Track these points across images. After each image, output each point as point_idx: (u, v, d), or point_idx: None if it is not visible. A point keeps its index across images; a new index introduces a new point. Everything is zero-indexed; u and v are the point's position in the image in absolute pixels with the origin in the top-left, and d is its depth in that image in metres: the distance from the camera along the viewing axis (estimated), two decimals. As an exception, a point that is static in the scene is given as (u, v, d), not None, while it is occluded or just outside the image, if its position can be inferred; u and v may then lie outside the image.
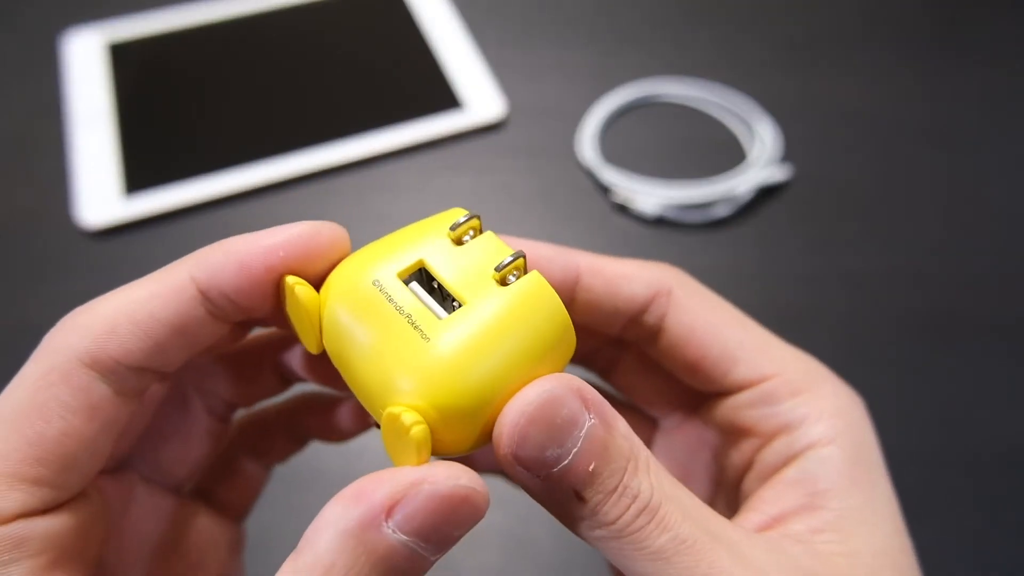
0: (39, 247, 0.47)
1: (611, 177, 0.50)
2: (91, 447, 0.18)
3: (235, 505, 0.26)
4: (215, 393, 0.24)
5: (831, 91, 0.55)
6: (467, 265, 0.18)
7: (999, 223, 0.49)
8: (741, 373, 0.22)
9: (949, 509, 0.38)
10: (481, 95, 0.54)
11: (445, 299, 0.18)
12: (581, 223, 0.49)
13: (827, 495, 0.20)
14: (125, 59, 0.56)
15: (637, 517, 0.17)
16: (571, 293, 0.22)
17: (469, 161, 0.52)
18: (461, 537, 0.16)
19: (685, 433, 0.25)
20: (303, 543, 0.15)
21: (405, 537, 0.15)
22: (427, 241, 0.19)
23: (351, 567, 0.15)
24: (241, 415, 0.26)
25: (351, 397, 0.25)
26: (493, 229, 0.19)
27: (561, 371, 0.18)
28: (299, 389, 0.26)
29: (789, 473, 0.21)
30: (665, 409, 0.26)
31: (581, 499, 0.17)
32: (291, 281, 0.18)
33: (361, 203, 0.50)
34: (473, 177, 0.51)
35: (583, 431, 0.16)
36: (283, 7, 0.59)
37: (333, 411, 0.26)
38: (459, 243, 0.18)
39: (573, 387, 0.17)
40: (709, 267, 0.46)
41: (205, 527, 0.24)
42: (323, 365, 0.23)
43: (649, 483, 0.17)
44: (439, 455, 0.17)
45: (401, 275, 0.18)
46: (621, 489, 0.17)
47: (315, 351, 0.19)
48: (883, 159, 0.52)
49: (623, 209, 0.49)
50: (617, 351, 0.26)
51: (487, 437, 0.17)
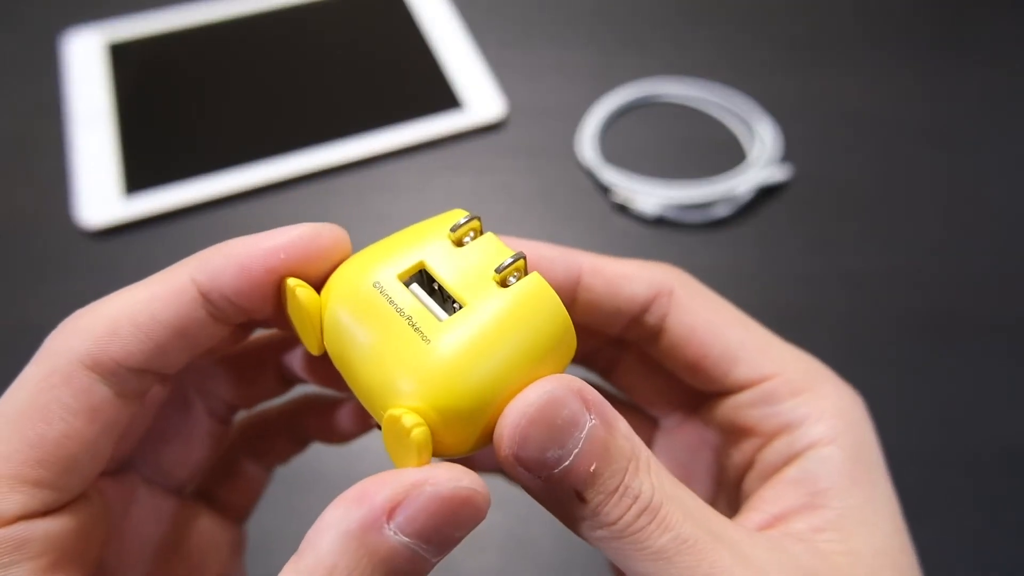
0: (39, 247, 0.47)
1: (611, 177, 0.50)
2: (92, 449, 0.18)
3: (236, 506, 0.26)
4: (216, 395, 0.24)
5: (831, 91, 0.55)
6: (467, 267, 0.18)
7: (999, 223, 0.49)
8: (742, 373, 0.22)
9: (949, 509, 0.38)
10: (481, 95, 0.54)
11: (446, 301, 0.18)
12: (581, 223, 0.49)
13: (828, 494, 0.20)
14: (125, 59, 0.56)
15: (638, 517, 0.17)
16: (572, 293, 0.22)
17: (469, 161, 0.52)
18: (462, 538, 0.16)
19: (686, 433, 0.25)
20: (304, 545, 0.15)
21: (406, 539, 0.15)
22: (427, 243, 0.19)
23: (353, 569, 0.15)
24: (242, 416, 0.26)
25: (352, 398, 0.25)
26: (493, 229, 0.19)
27: (562, 372, 0.18)
28: (300, 390, 0.26)
29: (790, 472, 0.21)
30: (666, 409, 0.26)
31: (582, 499, 0.17)
32: (292, 283, 0.18)
33: (361, 203, 0.50)
34: (473, 177, 0.51)
35: (584, 432, 0.16)
36: (283, 7, 0.59)
37: (334, 413, 0.26)
38: (459, 245, 0.18)
39: (574, 388, 0.17)
40: (709, 267, 0.46)
41: (206, 528, 0.24)
42: (324, 366, 0.23)
43: (650, 483, 0.17)
44: (440, 456, 0.17)
45: (402, 277, 0.18)
46: (622, 489, 0.17)
47: (317, 352, 0.19)
48: (883, 159, 0.52)
49: (623, 209, 0.49)
50: (618, 351, 0.26)
51: (488, 438, 0.17)
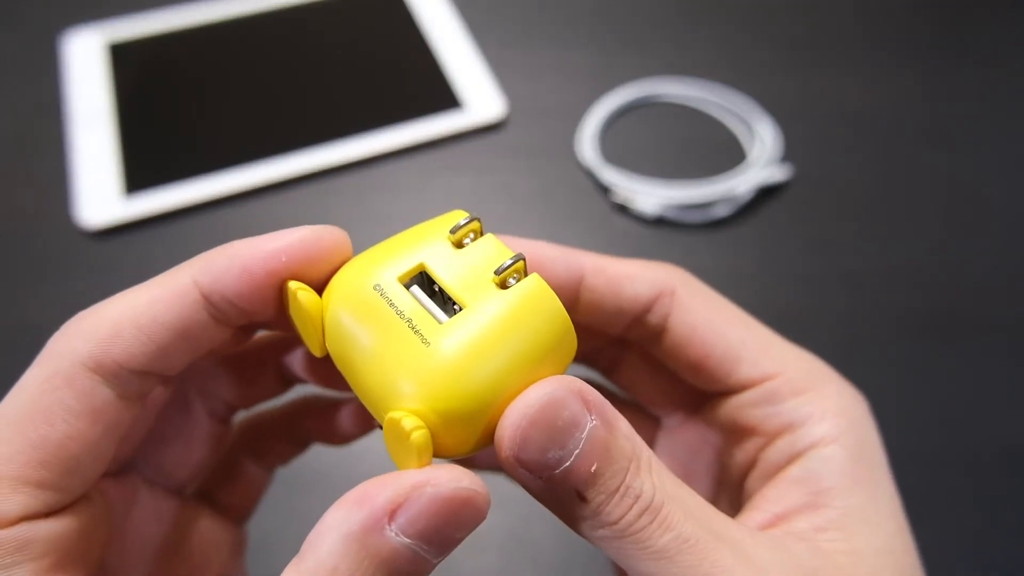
0: (39, 247, 0.47)
1: (611, 177, 0.50)
2: (94, 450, 0.18)
3: (237, 507, 0.26)
4: (216, 395, 0.24)
5: (831, 91, 0.55)
6: (467, 268, 0.18)
7: (999, 223, 0.49)
8: (744, 372, 0.22)
9: (949, 509, 0.38)
10: (481, 95, 0.54)
11: (446, 303, 0.18)
12: (581, 223, 0.49)
13: (830, 494, 0.20)
14: (125, 59, 0.56)
15: (639, 517, 0.17)
16: (575, 293, 0.22)
17: (469, 161, 0.52)
18: (463, 539, 0.16)
19: (688, 432, 0.25)
20: (306, 547, 0.15)
21: (408, 540, 0.15)
22: (428, 244, 0.19)
23: (354, 571, 0.15)
24: (242, 417, 0.26)
25: (352, 399, 0.25)
26: (493, 229, 0.19)
27: (563, 372, 0.18)
28: (301, 392, 0.26)
29: (792, 472, 0.21)
30: (668, 408, 0.26)
31: (583, 499, 0.17)
32: (293, 286, 0.18)
33: (361, 203, 0.50)
34: (473, 177, 0.51)
35: (585, 432, 0.16)
36: (283, 7, 0.59)
37: (334, 414, 0.26)
38: (460, 246, 0.18)
39: (574, 389, 0.17)
40: (709, 267, 0.46)
41: (208, 529, 0.24)
42: (324, 367, 0.23)
43: (651, 483, 0.17)
44: (441, 457, 0.17)
45: (402, 279, 0.18)
46: (623, 489, 0.17)
47: (319, 354, 0.19)
48: (883, 159, 0.52)
49: (623, 209, 0.49)
50: (621, 350, 0.26)
51: (489, 439, 0.17)
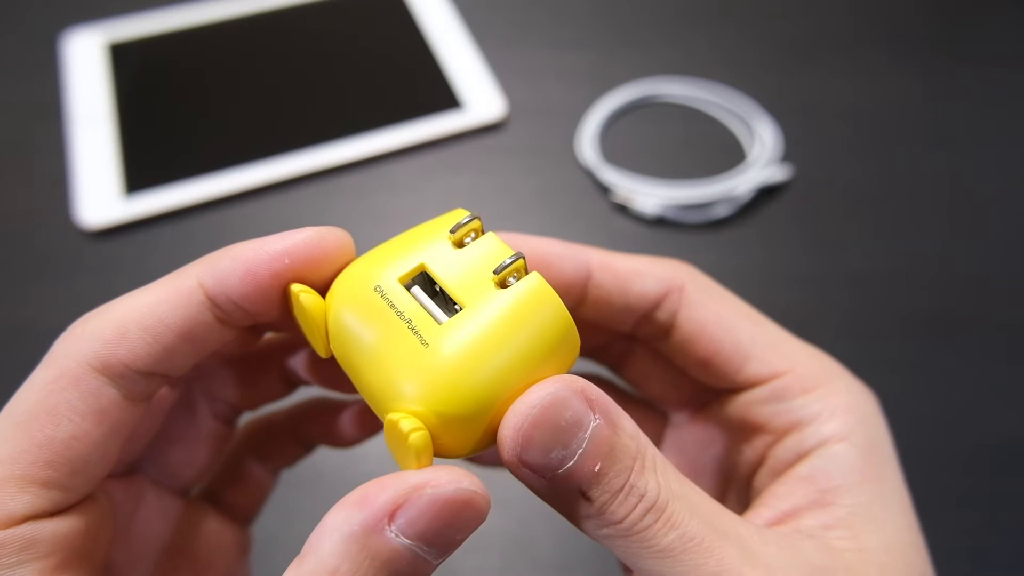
0: (39, 247, 0.47)
1: (611, 177, 0.50)
2: (100, 450, 0.18)
3: (243, 509, 0.26)
4: (220, 397, 0.24)
5: (831, 91, 0.55)
6: (467, 268, 0.18)
7: (999, 222, 0.49)
8: (753, 369, 0.22)
9: (949, 509, 0.38)
10: (481, 95, 0.54)
11: (448, 303, 0.18)
12: (581, 223, 0.49)
13: (838, 491, 0.20)
14: (125, 59, 0.56)
15: (644, 516, 0.17)
16: (582, 290, 0.22)
17: (469, 161, 0.52)
18: (463, 541, 0.16)
19: (696, 428, 0.25)
20: (307, 548, 0.15)
21: (408, 541, 0.15)
22: (428, 244, 0.19)
23: (355, 572, 0.15)
24: (248, 419, 0.26)
25: (356, 402, 0.26)
26: (493, 229, 0.19)
27: (566, 371, 0.18)
28: (306, 394, 0.26)
29: (801, 469, 0.21)
30: (676, 404, 0.26)
31: (587, 499, 0.17)
32: (296, 289, 0.18)
33: (361, 203, 0.50)
34: (473, 177, 0.51)
35: (588, 432, 0.16)
36: (283, 7, 0.59)
37: (340, 416, 0.26)
38: (460, 246, 0.18)
39: (577, 388, 0.16)
40: (709, 267, 0.46)
41: (213, 530, 0.24)
42: (328, 369, 0.23)
43: (656, 481, 0.17)
44: (443, 457, 0.17)
45: (403, 280, 0.18)
46: (628, 488, 0.17)
47: (324, 356, 0.19)
48: (883, 159, 0.52)
49: (623, 209, 0.49)
50: (629, 345, 0.26)
51: (491, 439, 0.17)
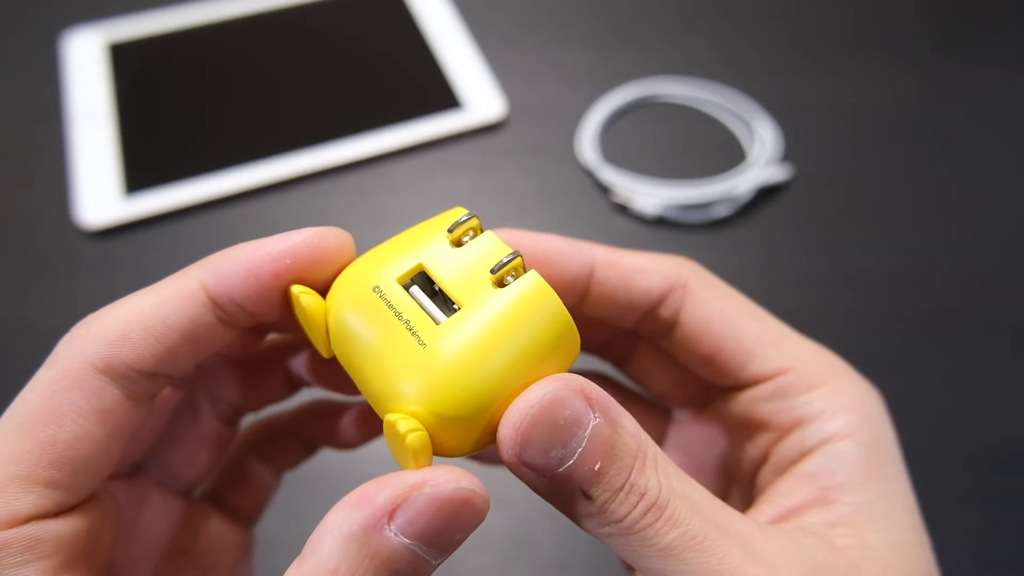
0: (39, 247, 0.47)
1: (611, 177, 0.50)
2: (103, 450, 0.18)
3: (246, 510, 0.26)
4: (223, 398, 0.24)
5: (831, 91, 0.55)
6: (465, 267, 0.18)
7: (1000, 222, 0.49)
8: (757, 367, 0.22)
9: (949, 509, 0.38)
10: (481, 95, 0.54)
11: (447, 303, 0.18)
12: (581, 223, 0.49)
13: (842, 489, 0.20)
14: (125, 59, 0.56)
15: (645, 515, 0.16)
16: (585, 286, 0.22)
17: (469, 161, 0.52)
18: (463, 541, 0.16)
19: (700, 425, 0.25)
20: (307, 549, 0.15)
21: (408, 540, 0.15)
22: (427, 243, 0.18)
23: (354, 571, 0.15)
24: (252, 421, 0.26)
25: (359, 404, 0.26)
26: (493, 228, 0.19)
27: (566, 370, 0.18)
28: (309, 396, 0.26)
29: (804, 466, 0.21)
30: (680, 401, 0.26)
31: (588, 497, 0.16)
32: (296, 290, 0.18)
33: (361, 203, 0.50)
34: (473, 177, 0.51)
35: (587, 431, 0.16)
36: (283, 7, 0.59)
37: (342, 418, 0.26)
38: (459, 244, 0.18)
39: (576, 387, 0.16)
40: (709, 267, 0.45)
41: (216, 531, 0.25)
42: (329, 370, 0.23)
43: (657, 480, 0.17)
44: (443, 456, 0.17)
45: (401, 280, 0.18)
46: (628, 487, 0.16)
47: (327, 356, 0.19)
48: (883, 159, 0.52)
49: (623, 209, 0.49)
50: (633, 341, 0.26)
51: (491, 438, 0.17)
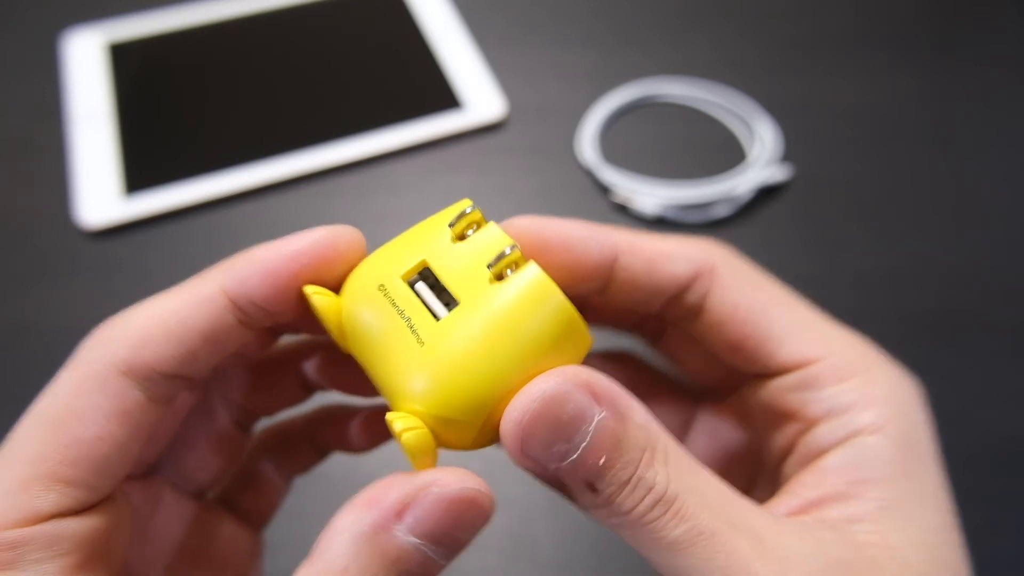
0: (39, 247, 0.47)
1: (611, 177, 0.50)
2: (123, 450, 0.18)
3: (257, 513, 0.26)
4: (239, 402, 0.24)
5: (831, 91, 0.55)
6: (466, 261, 0.18)
7: (1000, 222, 0.49)
8: (784, 356, 0.21)
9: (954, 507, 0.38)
10: (481, 95, 0.54)
11: (449, 298, 0.18)
12: (581, 223, 0.49)
13: (868, 484, 0.19)
14: (125, 59, 0.56)
15: (652, 508, 0.16)
16: (608, 272, 0.22)
17: (469, 161, 0.52)
18: (469, 542, 0.16)
19: (730, 409, 0.25)
20: (316, 550, 0.16)
21: (416, 540, 0.15)
22: (432, 238, 0.18)
23: (364, 570, 0.15)
24: (265, 426, 0.26)
25: (370, 409, 0.26)
26: (518, 216, 0.19)
27: (577, 362, 0.18)
28: (321, 401, 0.26)
29: (831, 459, 0.20)
30: (711, 382, 0.25)
31: (594, 490, 0.16)
32: (309, 291, 0.18)
33: (361, 203, 0.50)
34: (473, 177, 0.51)
35: (592, 426, 0.16)
36: (283, 7, 0.59)
37: (353, 422, 0.26)
38: (462, 238, 0.18)
39: (581, 381, 0.16)
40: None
41: (227, 534, 0.25)
42: (344, 372, 0.23)
43: (665, 473, 0.17)
44: (452, 450, 0.17)
45: (406, 276, 0.18)
46: (635, 481, 0.16)
47: (346, 352, 0.19)
48: (883, 159, 0.52)
49: (623, 209, 0.49)
50: (662, 322, 0.25)
51: (496, 433, 0.17)
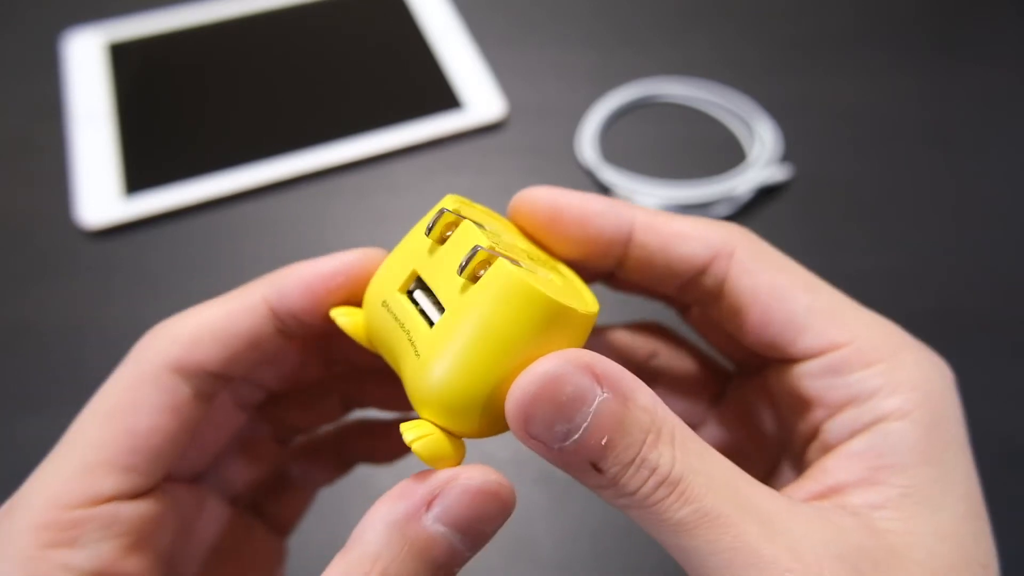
0: (39, 247, 0.47)
1: (611, 177, 0.50)
2: (173, 441, 0.20)
3: (284, 521, 0.28)
4: (284, 420, 0.26)
5: (831, 91, 0.55)
6: (445, 265, 0.18)
7: (1000, 222, 0.49)
8: (808, 341, 0.21)
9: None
10: (481, 95, 0.54)
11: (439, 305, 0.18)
12: (581, 223, 0.49)
13: (892, 470, 0.19)
14: (125, 59, 0.56)
15: (656, 489, 0.16)
16: (622, 249, 0.21)
17: (469, 161, 0.52)
18: (492, 535, 0.17)
19: (756, 389, 0.25)
20: (351, 540, 0.17)
21: (443, 528, 0.17)
22: (419, 245, 0.19)
23: (395, 557, 0.16)
24: (298, 439, 0.28)
25: (396, 422, 0.27)
26: (532, 187, 0.20)
27: (579, 343, 0.18)
28: (351, 415, 0.28)
29: (854, 445, 0.20)
30: (738, 360, 0.25)
31: (598, 470, 0.17)
32: (334, 313, 0.20)
33: (361, 203, 0.50)
34: (473, 177, 0.51)
35: (593, 406, 0.16)
36: (283, 7, 0.59)
37: (380, 435, 0.28)
38: (443, 241, 0.18)
39: (581, 363, 0.16)
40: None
41: (256, 540, 0.26)
42: (385, 392, 0.26)
43: (671, 455, 0.17)
44: (469, 438, 0.18)
45: (402, 288, 0.18)
46: (639, 462, 0.16)
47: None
48: (883, 159, 0.52)
49: (623, 209, 0.49)
50: None
51: (504, 422, 0.17)
